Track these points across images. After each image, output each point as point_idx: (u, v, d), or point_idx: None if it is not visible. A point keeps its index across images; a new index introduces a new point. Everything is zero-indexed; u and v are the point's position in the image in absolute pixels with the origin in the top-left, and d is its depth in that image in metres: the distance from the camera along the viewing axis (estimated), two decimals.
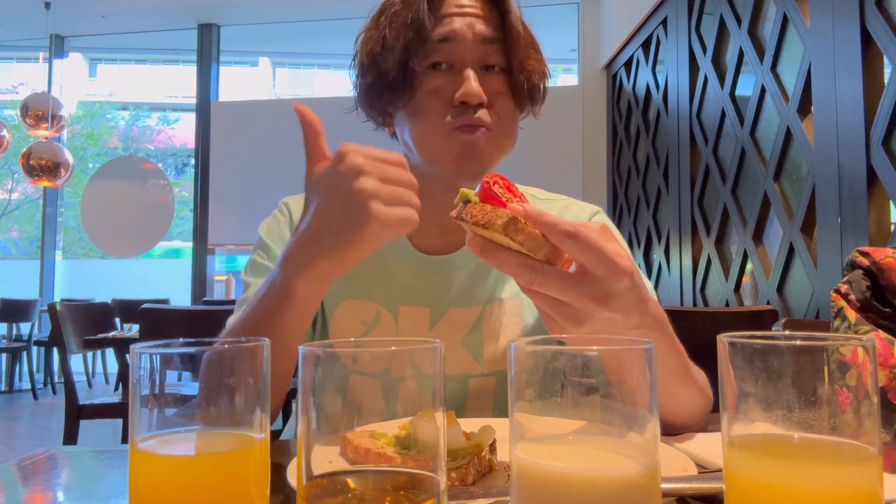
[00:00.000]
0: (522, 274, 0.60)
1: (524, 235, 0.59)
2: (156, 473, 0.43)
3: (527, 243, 0.59)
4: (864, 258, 0.75)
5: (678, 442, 0.75)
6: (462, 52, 0.88)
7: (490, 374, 0.95)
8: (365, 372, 0.40)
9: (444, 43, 0.88)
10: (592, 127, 5.32)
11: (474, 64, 0.88)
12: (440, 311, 0.95)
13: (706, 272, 3.41)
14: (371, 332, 0.95)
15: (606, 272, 0.59)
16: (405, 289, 0.96)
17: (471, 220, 0.61)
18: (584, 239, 0.58)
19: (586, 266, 0.60)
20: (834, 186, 2.27)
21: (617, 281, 0.59)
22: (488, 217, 0.60)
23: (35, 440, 4.65)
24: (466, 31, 0.88)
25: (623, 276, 0.59)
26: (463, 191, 0.63)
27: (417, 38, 0.87)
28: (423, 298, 0.96)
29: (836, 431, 0.38)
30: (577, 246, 0.59)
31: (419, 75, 0.88)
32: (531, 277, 0.60)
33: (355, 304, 0.96)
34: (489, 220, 0.60)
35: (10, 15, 6.57)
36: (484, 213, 0.60)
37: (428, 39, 0.87)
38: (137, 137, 13.28)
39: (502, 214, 0.60)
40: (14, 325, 6.49)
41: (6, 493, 0.67)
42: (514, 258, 0.60)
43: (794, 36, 2.59)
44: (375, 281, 0.96)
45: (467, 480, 0.59)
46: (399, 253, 0.97)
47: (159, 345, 0.45)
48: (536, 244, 0.60)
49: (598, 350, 0.38)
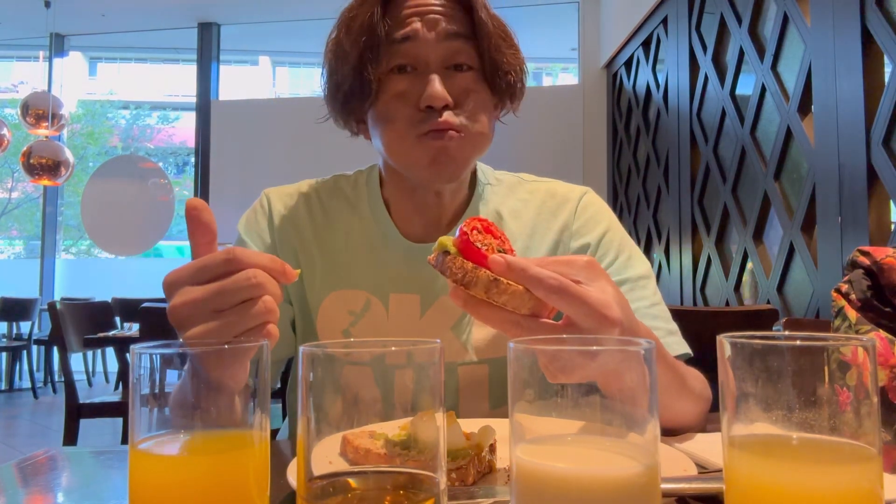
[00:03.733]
0: (508, 330, 0.59)
1: (507, 296, 0.57)
2: (156, 473, 0.43)
3: (510, 302, 0.58)
4: (865, 257, 0.75)
5: (678, 442, 0.75)
6: (426, 53, 0.85)
7: (480, 362, 0.94)
8: (359, 361, 0.40)
9: (405, 43, 0.85)
10: (592, 126, 5.32)
11: (439, 64, 0.85)
12: (430, 298, 0.94)
13: (706, 271, 3.41)
14: (359, 321, 0.94)
15: (594, 325, 0.57)
16: (395, 276, 0.95)
17: (451, 277, 0.59)
18: (570, 293, 0.56)
19: (573, 319, 0.58)
20: (834, 186, 2.26)
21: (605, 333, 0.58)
22: (469, 277, 0.58)
23: (35, 439, 4.65)
24: (428, 30, 0.85)
25: (612, 328, 0.58)
26: (441, 240, 0.61)
27: (371, 42, 0.84)
28: (412, 286, 0.94)
29: (836, 431, 0.38)
30: (563, 300, 0.57)
31: (383, 80, 0.86)
32: (517, 333, 0.58)
33: (342, 295, 0.95)
34: (470, 281, 0.58)
35: (11, 14, 6.57)
36: (464, 271, 0.58)
37: (382, 42, 0.85)
38: (138, 136, 13.28)
39: (483, 277, 0.57)
40: (14, 324, 6.49)
41: (6, 493, 0.67)
42: (498, 314, 0.59)
43: (794, 35, 2.59)
44: (364, 269, 0.95)
45: (467, 480, 0.59)
46: (388, 241, 0.96)
47: (159, 345, 0.45)
48: (521, 300, 0.58)
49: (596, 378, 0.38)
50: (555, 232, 0.98)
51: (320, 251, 0.97)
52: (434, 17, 0.86)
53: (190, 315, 0.55)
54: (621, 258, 0.95)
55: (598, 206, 1.01)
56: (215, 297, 0.55)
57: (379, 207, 0.98)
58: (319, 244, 0.97)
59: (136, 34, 7.26)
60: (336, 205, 0.99)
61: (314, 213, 0.98)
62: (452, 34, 0.86)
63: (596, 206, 1.01)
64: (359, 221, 0.98)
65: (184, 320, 0.56)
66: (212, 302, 0.55)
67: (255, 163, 5.82)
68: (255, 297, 0.55)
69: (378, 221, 0.97)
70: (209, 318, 0.55)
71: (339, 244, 0.97)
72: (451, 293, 0.61)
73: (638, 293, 0.92)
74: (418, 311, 0.95)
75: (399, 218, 0.97)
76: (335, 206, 0.99)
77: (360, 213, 0.98)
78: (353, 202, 0.99)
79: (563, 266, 0.59)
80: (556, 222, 0.99)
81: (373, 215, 0.98)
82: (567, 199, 1.00)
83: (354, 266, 0.96)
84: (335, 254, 0.96)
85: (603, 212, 1.01)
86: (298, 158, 5.55)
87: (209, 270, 0.56)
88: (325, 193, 1.00)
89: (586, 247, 0.96)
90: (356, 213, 0.98)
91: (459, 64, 0.87)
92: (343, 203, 0.99)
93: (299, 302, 0.98)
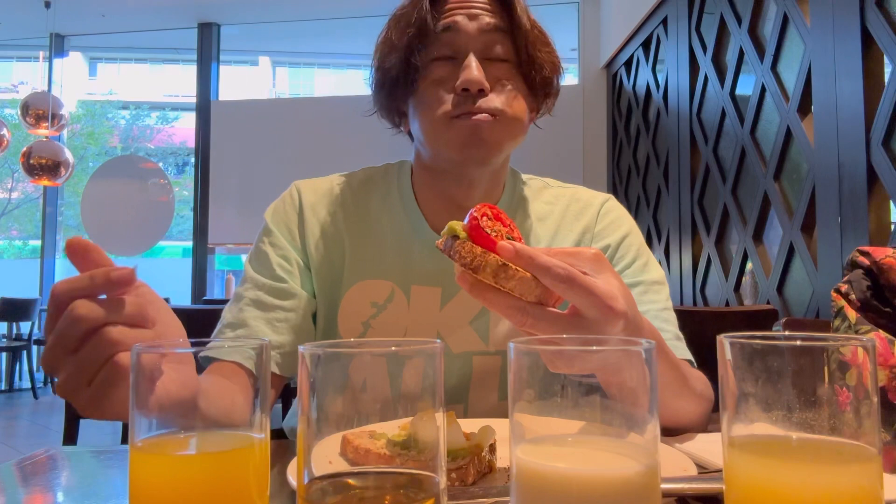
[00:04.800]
0: (513, 316, 0.59)
1: (514, 282, 0.58)
2: (156, 473, 0.43)
3: (517, 288, 0.58)
4: (865, 258, 0.75)
5: (678, 442, 0.75)
6: (465, 42, 0.89)
7: (496, 353, 0.96)
8: (354, 368, 0.40)
9: (447, 33, 0.89)
10: (592, 126, 5.32)
11: (478, 53, 0.89)
12: (452, 291, 0.95)
13: (706, 272, 3.41)
14: (381, 313, 0.95)
15: (599, 316, 0.58)
16: (420, 268, 0.96)
17: (459, 261, 0.59)
18: (577, 283, 0.57)
19: (579, 309, 0.59)
20: (834, 186, 2.27)
21: (610, 325, 0.58)
22: (477, 262, 0.58)
23: (35, 439, 4.65)
24: (469, 22, 0.89)
25: (617, 320, 0.58)
26: (451, 225, 0.61)
27: (420, 33, 0.89)
28: (435, 278, 0.96)
29: (836, 431, 0.38)
30: (571, 290, 0.57)
31: (423, 68, 0.89)
32: (522, 320, 0.59)
33: (368, 285, 0.96)
34: (478, 266, 0.58)
35: (11, 14, 6.57)
36: (473, 255, 0.59)
37: (430, 33, 0.89)
38: (137, 136, 13.29)
39: (491, 261, 0.58)
40: (14, 324, 6.50)
41: (6, 493, 0.67)
42: (504, 300, 0.59)
43: (794, 35, 2.59)
44: (392, 259, 0.96)
45: (467, 480, 0.59)
46: (417, 233, 0.97)
47: (159, 345, 0.45)
48: (528, 287, 0.58)
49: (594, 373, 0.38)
50: (577, 234, 1.01)
51: (350, 241, 0.97)
52: (475, 11, 0.90)
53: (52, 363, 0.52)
54: (639, 262, 0.98)
55: (620, 212, 1.05)
56: (59, 342, 0.51)
57: (410, 199, 0.99)
58: (350, 234, 0.98)
59: (136, 34, 7.26)
60: (367, 195, 1.01)
61: (346, 203, 1.00)
62: (492, 27, 0.90)
63: (617, 212, 1.04)
64: (388, 210, 0.99)
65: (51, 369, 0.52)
66: (59, 346, 0.51)
67: (255, 163, 5.82)
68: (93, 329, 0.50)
69: (408, 213, 0.99)
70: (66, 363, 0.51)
71: (370, 234, 0.98)
72: (457, 277, 0.61)
73: (651, 296, 0.94)
74: (438, 304, 0.96)
75: (429, 211, 0.98)
76: (366, 197, 1.01)
77: (390, 204, 1.00)
78: (384, 193, 1.01)
79: (569, 257, 0.60)
80: (579, 225, 1.01)
81: (403, 207, 0.99)
82: (590, 204, 1.04)
83: (383, 256, 0.97)
84: (365, 244, 0.98)
85: (624, 217, 1.04)
86: (298, 159, 5.55)
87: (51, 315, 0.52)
88: (356, 184, 1.02)
89: (606, 248, 0.99)
90: (386, 203, 1.00)
91: (497, 55, 0.90)
92: (374, 193, 1.01)
93: (324, 292, 0.98)
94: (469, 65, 0.87)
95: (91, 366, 0.50)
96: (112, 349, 0.50)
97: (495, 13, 0.91)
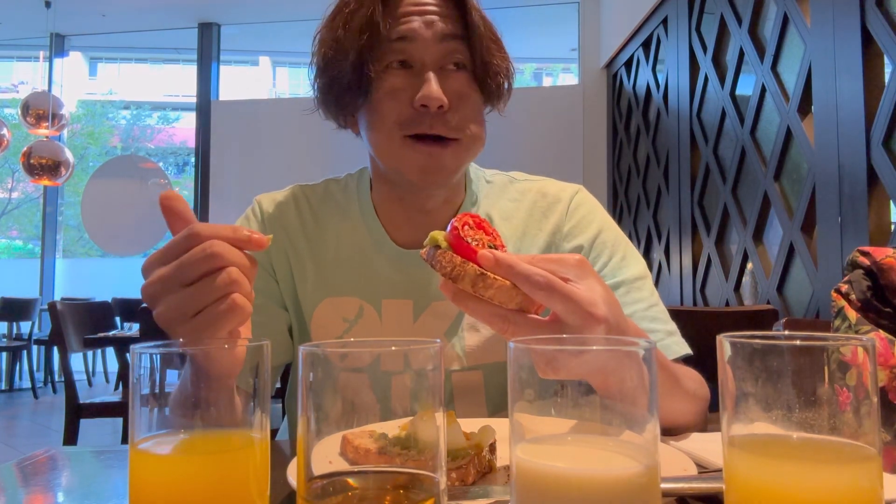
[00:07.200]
0: (495, 324, 0.60)
1: (493, 290, 0.59)
2: (156, 473, 0.43)
3: (497, 297, 0.59)
4: (865, 258, 0.75)
5: (678, 442, 0.75)
6: (421, 52, 0.86)
7: (474, 369, 0.94)
8: (353, 368, 0.40)
9: (402, 42, 0.86)
10: (592, 126, 5.32)
11: (434, 63, 0.86)
12: (423, 303, 0.94)
13: (706, 272, 3.41)
14: (353, 328, 0.94)
15: (580, 322, 0.58)
16: (387, 282, 0.95)
17: (440, 270, 0.60)
18: (557, 290, 0.57)
19: (560, 316, 0.59)
20: (834, 186, 2.26)
21: (590, 331, 0.58)
22: (457, 272, 0.59)
23: (35, 439, 4.65)
24: (425, 30, 0.86)
25: (598, 325, 0.58)
26: (433, 234, 0.62)
27: (372, 39, 0.85)
28: (405, 291, 0.94)
29: (836, 431, 0.38)
30: (550, 297, 0.58)
31: (376, 77, 0.86)
32: (504, 327, 0.59)
33: (336, 302, 0.95)
34: (457, 275, 0.59)
35: (11, 14, 6.57)
36: (453, 265, 0.59)
37: (384, 40, 0.85)
38: (138, 136, 13.28)
39: (470, 271, 0.59)
40: (14, 324, 6.49)
41: (6, 493, 0.67)
42: (485, 308, 0.60)
43: (794, 35, 2.59)
44: (356, 276, 0.95)
45: (467, 480, 0.59)
46: (379, 247, 0.96)
47: (159, 345, 0.45)
48: (507, 295, 0.59)
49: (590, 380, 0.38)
50: (546, 234, 0.98)
51: (312, 258, 0.96)
52: (430, 18, 0.86)
53: (157, 292, 0.56)
54: (615, 259, 0.95)
55: (590, 205, 1.01)
56: (177, 273, 0.55)
57: (369, 213, 0.97)
58: (311, 251, 0.96)
59: (137, 34, 7.26)
60: (326, 211, 0.99)
61: (305, 219, 0.98)
62: (449, 35, 0.86)
63: (588, 206, 1.00)
64: (349, 227, 0.98)
65: (152, 298, 0.56)
66: (175, 277, 0.55)
67: (255, 163, 5.82)
68: (218, 268, 0.54)
69: (368, 227, 0.97)
70: (175, 293, 0.55)
71: (330, 251, 0.97)
72: (440, 286, 0.62)
73: (634, 295, 0.91)
74: (411, 317, 0.94)
75: (389, 223, 0.97)
76: (326, 213, 0.99)
77: (350, 219, 0.98)
78: (344, 208, 0.99)
79: (553, 264, 0.60)
80: (548, 224, 0.98)
81: (363, 221, 0.97)
82: (558, 199, 1.00)
83: (346, 273, 0.95)
84: (326, 261, 0.96)
85: (595, 211, 1.00)
86: (298, 158, 5.55)
87: (173, 249, 0.56)
88: (315, 199, 1.00)
89: (579, 249, 0.96)
90: (347, 219, 0.98)
91: (453, 64, 0.87)
92: (333, 209, 0.99)
93: (294, 308, 0.97)
94: (429, 80, 0.83)
95: (204, 298, 0.54)
96: (233, 287, 0.54)
97: (450, 18, 0.87)
